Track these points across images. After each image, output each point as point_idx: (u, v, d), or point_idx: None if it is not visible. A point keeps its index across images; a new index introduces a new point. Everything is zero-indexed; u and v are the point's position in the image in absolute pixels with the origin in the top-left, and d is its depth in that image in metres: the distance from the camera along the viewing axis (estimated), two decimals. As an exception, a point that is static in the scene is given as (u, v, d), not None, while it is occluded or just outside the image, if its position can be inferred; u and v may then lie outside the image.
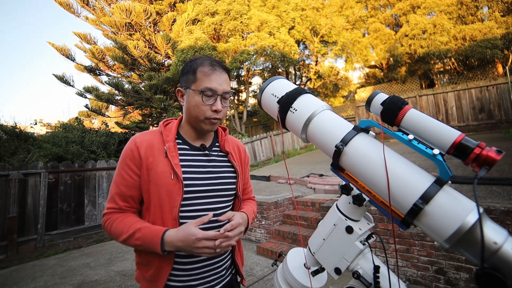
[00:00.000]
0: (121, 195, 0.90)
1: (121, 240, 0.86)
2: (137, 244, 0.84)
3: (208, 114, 0.90)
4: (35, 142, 7.97)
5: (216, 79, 0.91)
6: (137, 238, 0.84)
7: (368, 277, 0.61)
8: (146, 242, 0.83)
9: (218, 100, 0.90)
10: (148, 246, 0.83)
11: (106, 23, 11.55)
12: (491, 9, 9.95)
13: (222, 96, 0.92)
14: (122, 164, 0.91)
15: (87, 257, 4.20)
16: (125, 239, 0.85)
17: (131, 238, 0.84)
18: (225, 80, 0.94)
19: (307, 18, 11.74)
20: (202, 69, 0.91)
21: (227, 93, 0.93)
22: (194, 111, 0.91)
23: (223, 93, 0.92)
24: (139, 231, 0.84)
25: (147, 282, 0.89)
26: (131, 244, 0.85)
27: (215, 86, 0.90)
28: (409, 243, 2.75)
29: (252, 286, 2.92)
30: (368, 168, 0.56)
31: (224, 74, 0.94)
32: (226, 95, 0.93)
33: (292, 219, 4.23)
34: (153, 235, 0.83)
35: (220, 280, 0.95)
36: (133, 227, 0.85)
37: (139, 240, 0.83)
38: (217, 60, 0.97)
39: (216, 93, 0.90)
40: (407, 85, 11.97)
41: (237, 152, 1.07)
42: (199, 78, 0.90)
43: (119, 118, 12.89)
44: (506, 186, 2.99)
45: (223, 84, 0.92)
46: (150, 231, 0.84)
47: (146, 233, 0.84)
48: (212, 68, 0.92)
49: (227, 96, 0.94)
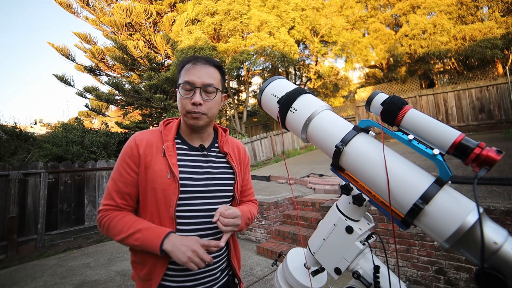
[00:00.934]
0: (119, 191, 0.90)
1: (119, 239, 0.86)
2: (136, 244, 0.84)
3: (188, 108, 0.90)
4: (35, 142, 7.97)
5: (195, 73, 0.91)
6: (136, 239, 0.84)
7: (368, 277, 0.61)
8: (145, 242, 0.83)
9: (196, 92, 0.90)
10: (146, 246, 0.83)
11: (106, 23, 11.55)
12: (491, 9, 9.94)
13: (203, 89, 0.91)
14: (121, 161, 0.91)
15: (87, 257, 4.20)
16: (123, 238, 0.85)
17: (129, 237, 0.84)
18: (207, 73, 0.92)
19: (307, 18, 11.75)
20: (185, 65, 0.94)
21: (208, 85, 0.91)
22: (178, 106, 0.94)
23: (203, 85, 0.90)
24: (139, 232, 0.84)
25: (141, 281, 0.90)
26: (129, 243, 0.85)
27: (192, 78, 0.90)
28: (409, 243, 2.75)
29: (252, 286, 2.92)
30: (368, 168, 0.56)
31: (207, 67, 0.93)
32: (208, 87, 0.91)
33: (292, 219, 4.23)
34: (155, 236, 0.83)
35: (216, 282, 0.95)
36: (133, 226, 0.85)
37: (138, 241, 0.84)
38: (203, 56, 0.97)
39: (194, 86, 0.90)
40: (407, 85, 11.97)
41: (237, 153, 1.07)
42: (182, 74, 0.93)
43: (119, 118, 12.89)
44: (506, 186, 2.99)
45: (202, 77, 0.91)
46: (153, 232, 0.84)
47: (147, 234, 0.84)
48: (193, 63, 0.93)
49: (210, 89, 0.92)
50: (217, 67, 0.96)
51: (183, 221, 0.89)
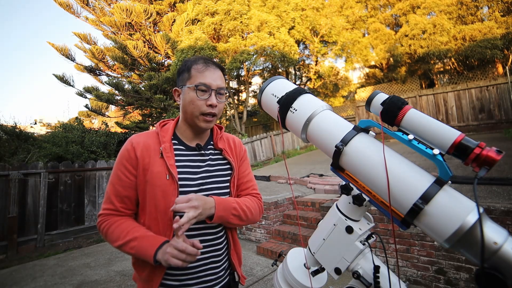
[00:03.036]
0: (118, 195, 0.90)
1: (116, 246, 0.87)
2: (131, 252, 0.85)
3: (203, 109, 0.92)
4: (35, 142, 7.97)
5: (210, 75, 0.93)
6: (132, 247, 0.84)
7: (368, 277, 0.61)
8: (140, 251, 0.84)
9: (212, 94, 0.92)
10: (141, 255, 0.84)
11: (106, 23, 11.55)
12: (491, 9, 9.94)
13: (217, 92, 0.93)
14: (119, 164, 0.92)
15: (87, 257, 4.20)
16: (120, 245, 0.86)
17: (126, 245, 0.85)
18: (219, 77, 0.95)
19: (307, 18, 11.75)
20: (196, 66, 0.94)
21: (221, 88, 0.94)
22: (190, 107, 0.93)
23: (217, 88, 0.93)
24: (135, 240, 0.84)
25: (143, 282, 0.90)
26: (125, 251, 0.86)
27: (209, 81, 0.92)
28: (409, 243, 2.75)
29: (252, 286, 2.92)
30: (368, 168, 0.56)
31: (218, 71, 0.96)
32: (221, 90, 0.94)
33: (292, 219, 4.23)
34: (149, 245, 0.83)
35: (219, 280, 0.95)
36: (130, 234, 0.86)
37: (134, 249, 0.84)
38: (211, 59, 0.99)
39: (210, 88, 0.92)
40: (407, 85, 11.97)
41: (233, 146, 1.07)
42: (193, 75, 0.93)
43: (119, 118, 12.89)
44: (506, 186, 2.99)
45: (217, 80, 0.93)
46: (148, 241, 0.84)
47: (142, 243, 0.84)
48: (206, 64, 0.94)
49: (222, 92, 0.95)
50: (223, 70, 1.00)
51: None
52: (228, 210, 0.92)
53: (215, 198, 0.91)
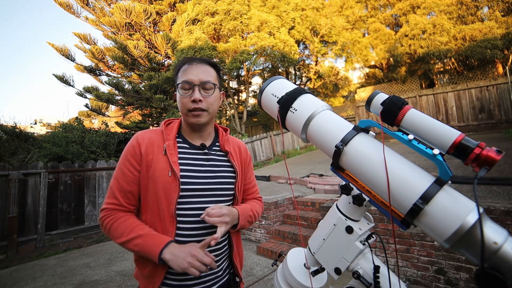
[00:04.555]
0: (122, 190, 0.91)
1: (119, 242, 0.87)
2: (135, 250, 0.85)
3: (189, 106, 0.93)
4: (35, 142, 7.97)
5: (192, 71, 0.94)
6: (136, 244, 0.85)
7: (368, 277, 0.61)
8: (144, 249, 0.84)
9: (196, 90, 0.93)
10: (145, 253, 0.84)
11: (106, 23, 11.55)
12: (491, 9, 9.94)
13: (201, 86, 0.94)
14: (124, 160, 0.93)
15: (87, 257, 4.20)
16: (123, 242, 0.86)
17: (130, 242, 0.85)
18: (203, 71, 0.95)
19: (307, 18, 11.75)
20: (182, 67, 0.97)
21: (206, 82, 0.94)
22: (179, 106, 0.96)
23: (201, 82, 0.93)
24: (140, 237, 0.85)
25: (144, 279, 0.91)
26: (128, 248, 0.86)
27: (190, 77, 0.93)
28: (409, 243, 2.75)
29: (252, 286, 2.92)
30: (368, 168, 0.56)
31: (203, 65, 0.97)
32: (206, 84, 0.94)
33: (292, 219, 4.23)
34: (155, 244, 0.83)
35: (217, 280, 0.95)
36: (135, 231, 0.86)
37: (138, 247, 0.85)
38: (198, 57, 1.00)
39: (192, 84, 0.93)
40: (407, 85, 11.97)
41: (238, 152, 1.08)
42: (179, 75, 0.96)
43: (119, 118, 12.90)
44: (506, 186, 2.99)
45: (199, 75, 0.94)
46: (153, 239, 0.85)
47: (147, 241, 0.84)
48: (189, 63, 0.96)
49: (208, 86, 0.95)
50: (212, 65, 1.00)
51: (184, 219, 0.90)
52: (246, 218, 1.00)
53: (238, 210, 0.96)
